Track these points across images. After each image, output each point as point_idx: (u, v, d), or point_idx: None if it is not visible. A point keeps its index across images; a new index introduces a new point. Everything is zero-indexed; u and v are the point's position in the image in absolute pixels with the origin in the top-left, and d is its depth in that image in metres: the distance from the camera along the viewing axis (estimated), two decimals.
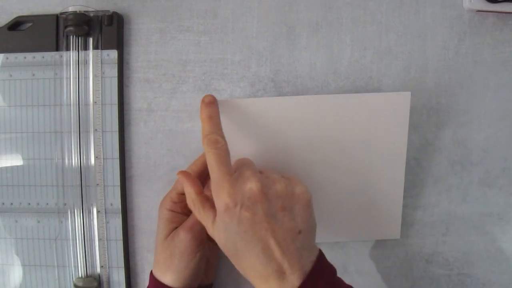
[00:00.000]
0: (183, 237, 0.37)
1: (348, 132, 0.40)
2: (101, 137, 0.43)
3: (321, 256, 0.34)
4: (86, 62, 0.43)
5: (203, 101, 0.38)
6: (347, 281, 0.44)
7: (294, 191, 0.34)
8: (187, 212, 0.39)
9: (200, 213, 0.35)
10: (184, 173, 0.37)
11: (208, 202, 0.35)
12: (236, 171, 0.34)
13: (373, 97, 0.39)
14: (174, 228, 0.39)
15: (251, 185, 0.32)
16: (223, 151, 0.34)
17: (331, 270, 0.34)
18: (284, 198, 0.33)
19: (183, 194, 0.39)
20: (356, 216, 0.42)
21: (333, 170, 0.41)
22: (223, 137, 0.35)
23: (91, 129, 0.43)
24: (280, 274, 0.31)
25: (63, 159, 0.44)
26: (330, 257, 0.44)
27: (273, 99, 0.40)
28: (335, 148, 0.40)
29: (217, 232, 0.34)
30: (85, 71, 0.43)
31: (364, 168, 0.41)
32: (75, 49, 0.43)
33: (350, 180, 0.41)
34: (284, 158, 0.41)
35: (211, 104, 0.37)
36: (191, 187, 0.36)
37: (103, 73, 0.43)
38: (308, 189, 0.35)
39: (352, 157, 0.40)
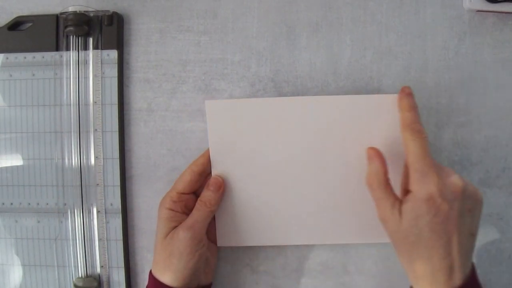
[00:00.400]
0: (182, 236, 0.37)
1: (347, 133, 0.40)
2: (101, 137, 0.43)
3: (473, 264, 0.35)
4: (86, 62, 0.43)
5: (403, 91, 0.38)
6: (347, 281, 0.44)
7: (478, 195, 0.35)
8: (187, 212, 0.39)
9: (382, 193, 0.35)
10: (375, 149, 0.38)
11: (390, 185, 0.36)
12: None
13: (371, 98, 0.40)
14: (174, 227, 0.39)
15: (456, 180, 0.33)
16: (426, 142, 0.35)
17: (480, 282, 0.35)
18: (473, 200, 0.34)
19: (183, 193, 0.39)
20: (355, 218, 0.42)
21: (332, 172, 0.41)
22: (424, 129, 0.36)
23: (91, 129, 0.43)
24: (450, 270, 0.33)
25: (63, 159, 0.44)
26: (330, 257, 0.44)
27: (271, 99, 0.40)
28: (333, 149, 0.40)
29: (396, 216, 0.34)
30: (85, 71, 0.43)
31: (362, 168, 0.40)
32: (75, 49, 0.43)
33: (350, 181, 0.41)
34: (282, 159, 0.41)
35: (411, 95, 0.38)
36: (381, 166, 0.37)
37: (103, 73, 0.43)
38: None
39: (351, 159, 0.40)
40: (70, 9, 0.43)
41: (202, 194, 0.40)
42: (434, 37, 0.43)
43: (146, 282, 0.40)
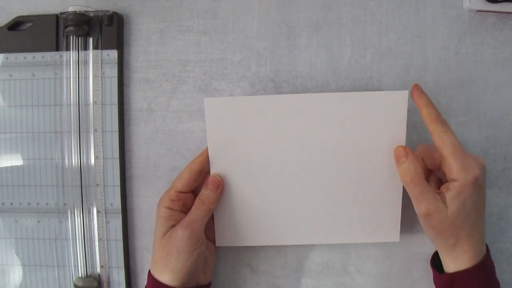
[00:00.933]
0: (180, 234, 0.37)
1: (346, 131, 0.40)
2: (101, 137, 0.43)
3: None
4: (86, 62, 0.43)
5: (416, 87, 0.39)
6: (347, 281, 0.44)
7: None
8: (185, 210, 0.39)
9: (424, 187, 0.37)
10: (404, 147, 0.39)
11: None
12: None
13: (371, 95, 0.39)
14: (172, 226, 0.39)
15: (482, 161, 0.37)
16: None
17: None
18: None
19: (181, 192, 0.39)
20: (354, 217, 0.42)
21: (331, 170, 0.41)
22: None
23: (91, 129, 0.43)
24: (483, 241, 0.37)
25: (63, 159, 0.44)
26: (330, 257, 0.44)
27: (270, 97, 0.40)
28: (332, 147, 0.40)
29: (441, 206, 0.36)
30: (85, 71, 0.43)
31: (362, 167, 0.41)
32: (75, 49, 0.43)
33: (348, 180, 0.41)
34: (281, 157, 0.41)
35: (424, 92, 0.39)
36: (418, 161, 0.38)
37: (103, 73, 0.43)
38: None
39: (350, 156, 0.40)
40: (70, 9, 0.43)
41: (200, 193, 0.40)
42: (434, 37, 0.43)
43: (146, 282, 0.40)
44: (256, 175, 0.41)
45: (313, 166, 0.41)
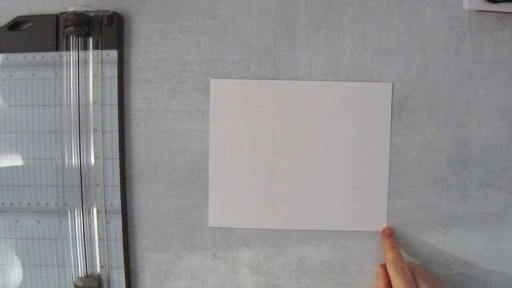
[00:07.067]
0: None
1: (332, 119, 0.42)
2: (101, 137, 0.43)
3: None
4: (86, 62, 0.43)
5: (384, 233, 0.42)
6: (347, 281, 0.44)
7: None
8: None
9: None
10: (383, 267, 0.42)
11: None
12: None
13: (356, 86, 0.42)
14: None
15: None
16: (409, 276, 0.38)
17: None
18: None
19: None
20: (343, 203, 0.43)
21: (322, 155, 0.42)
22: (405, 264, 0.39)
23: (91, 129, 0.43)
24: None
25: (63, 159, 0.44)
26: (330, 257, 0.44)
27: (277, 82, 0.43)
28: (318, 135, 0.42)
29: None
30: (85, 71, 0.43)
31: (351, 155, 0.42)
32: (75, 49, 0.43)
33: (338, 167, 0.42)
34: (281, 141, 0.42)
35: (391, 236, 0.42)
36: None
37: (103, 73, 0.43)
38: None
39: (337, 144, 0.42)
40: (70, 9, 0.43)
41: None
42: (434, 37, 0.43)
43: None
44: (255, 157, 0.42)
45: (305, 150, 0.42)
